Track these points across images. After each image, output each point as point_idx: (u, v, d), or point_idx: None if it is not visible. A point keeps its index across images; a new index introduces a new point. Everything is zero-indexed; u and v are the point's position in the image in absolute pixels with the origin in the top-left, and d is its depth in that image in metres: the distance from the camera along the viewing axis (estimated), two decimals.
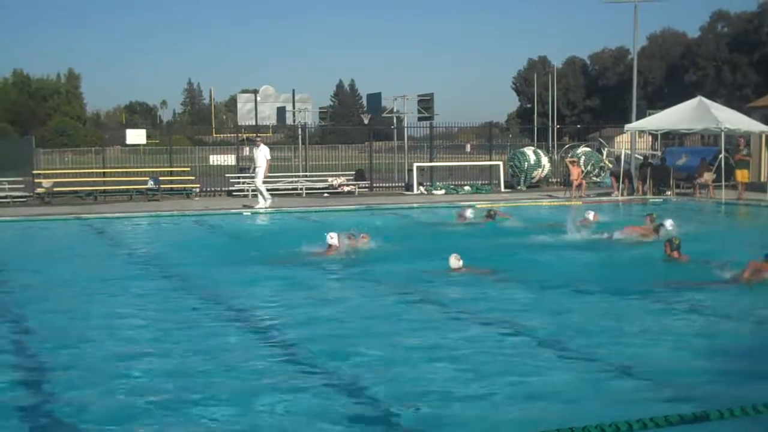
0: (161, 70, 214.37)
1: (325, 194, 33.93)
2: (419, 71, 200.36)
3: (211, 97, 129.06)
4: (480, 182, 37.78)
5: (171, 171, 35.47)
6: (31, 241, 21.60)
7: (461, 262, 13.98)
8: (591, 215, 20.97)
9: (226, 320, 11.00)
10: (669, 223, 18.57)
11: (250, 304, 11.94)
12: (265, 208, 27.48)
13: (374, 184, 36.76)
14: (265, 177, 28.89)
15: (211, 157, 41.52)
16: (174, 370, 8.40)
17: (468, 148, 53.14)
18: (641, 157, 34.61)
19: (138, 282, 13.96)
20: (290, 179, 35.55)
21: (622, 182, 31.58)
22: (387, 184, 37.76)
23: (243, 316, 11.25)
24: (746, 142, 30.59)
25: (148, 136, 40.47)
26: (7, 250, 19.05)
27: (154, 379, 8.16)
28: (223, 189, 34.79)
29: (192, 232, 22.79)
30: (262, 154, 28.25)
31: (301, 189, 34.39)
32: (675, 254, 14.60)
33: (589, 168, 36.77)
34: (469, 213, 22.42)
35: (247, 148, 50.59)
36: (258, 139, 28.60)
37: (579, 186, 31.81)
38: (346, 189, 34.54)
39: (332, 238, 16.22)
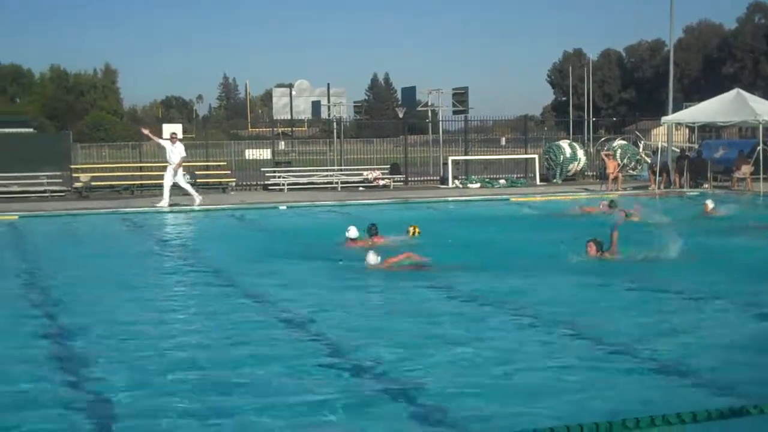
0: (197, 65, 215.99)
1: (360, 188, 33.96)
2: (454, 65, 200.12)
3: (246, 91, 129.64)
4: (515, 175, 37.66)
5: (207, 165, 35.66)
6: (71, 234, 21.80)
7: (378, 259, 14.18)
8: (710, 204, 21.88)
9: (251, 309, 11.13)
10: (711, 204, 21.23)
11: (284, 296, 11.97)
12: (166, 206, 26.29)
13: (409, 178, 36.77)
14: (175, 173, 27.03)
15: (246, 151, 41.69)
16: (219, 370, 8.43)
17: (503, 141, 53.00)
18: (678, 150, 34.36)
19: (176, 275, 14.09)
20: (325, 173, 35.61)
21: (660, 175, 31.37)
22: (422, 178, 37.77)
23: (278, 307, 11.29)
24: None
25: (184, 131, 40.55)
26: (48, 244, 19.27)
27: (204, 377, 8.16)
28: (259, 183, 34.91)
29: (228, 226, 22.91)
30: (178, 151, 26.91)
31: (336, 183, 34.45)
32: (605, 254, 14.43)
33: (625, 161, 36.52)
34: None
35: (282, 143, 50.82)
36: (173, 134, 27.74)
37: (615, 179, 31.64)
38: (381, 183, 34.55)
39: (351, 232, 16.39)
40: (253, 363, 8.44)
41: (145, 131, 28.13)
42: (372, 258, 13.86)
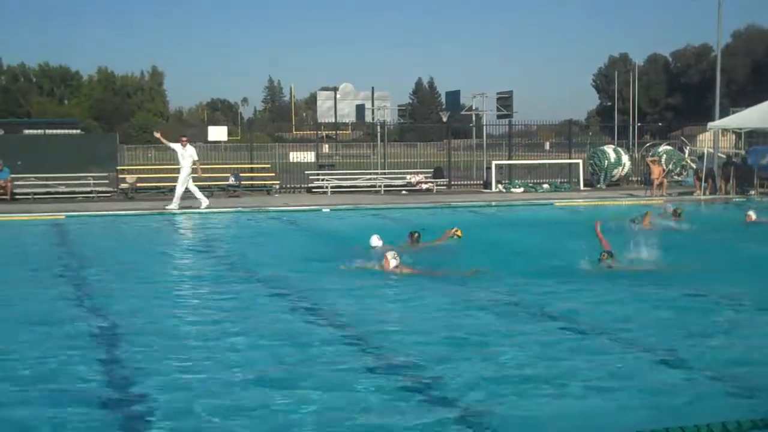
0: (243, 68, 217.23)
1: (404, 191, 34.01)
2: (498, 69, 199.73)
3: (291, 94, 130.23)
4: (559, 180, 37.54)
5: (251, 167, 35.92)
6: (116, 235, 22.02)
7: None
8: (753, 215, 21.51)
9: (290, 311, 11.19)
10: (753, 214, 20.92)
11: (329, 301, 12.00)
12: (176, 209, 26.30)
13: (452, 182, 36.78)
14: (194, 178, 27.31)
15: (290, 153, 41.87)
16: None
17: (547, 145, 52.84)
18: (724, 156, 34.07)
19: (217, 275, 14.18)
20: (369, 176, 35.71)
21: (705, 181, 31.14)
22: (465, 182, 37.75)
23: (322, 313, 11.29)
24: None
25: (229, 133, 40.93)
26: (95, 244, 19.49)
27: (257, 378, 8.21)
28: (303, 186, 35.10)
29: (272, 228, 23.03)
30: (189, 155, 26.88)
31: (380, 186, 34.53)
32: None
33: (670, 166, 36.28)
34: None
35: (326, 145, 51.00)
36: (183, 138, 27.73)
37: (660, 185, 31.45)
38: (424, 186, 34.57)
39: (376, 240, 16.36)
40: (305, 362, 8.52)
41: (157, 134, 28.17)
42: (390, 262, 13.69)
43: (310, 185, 34.69)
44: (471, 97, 41.76)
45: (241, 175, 33.70)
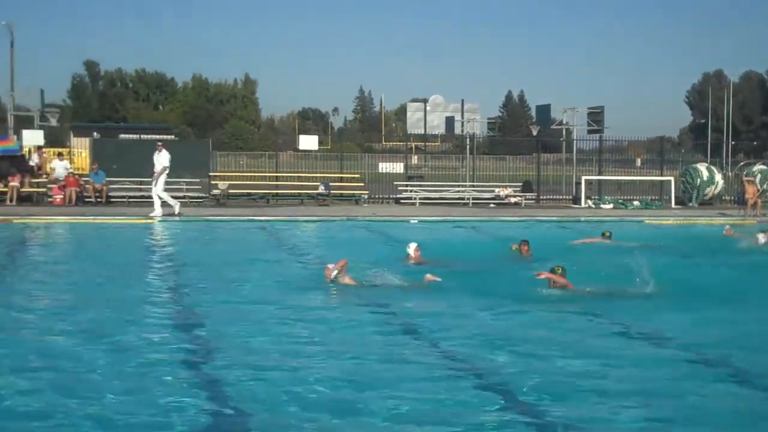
0: (334, 78, 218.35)
1: (491, 204, 33.99)
2: (590, 83, 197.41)
3: (381, 105, 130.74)
4: (650, 197, 37.12)
5: (341, 177, 36.26)
6: (206, 240, 22.46)
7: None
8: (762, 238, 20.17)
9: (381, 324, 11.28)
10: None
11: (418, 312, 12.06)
12: (160, 215, 26.30)
13: (541, 196, 36.64)
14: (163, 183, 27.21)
15: (380, 164, 42.17)
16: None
17: (638, 162, 52.20)
18: None
19: (307, 284, 14.25)
20: (457, 188, 35.77)
21: None
22: (554, 197, 37.57)
23: (412, 324, 11.30)
24: None
25: (320, 142, 41.28)
26: (188, 250, 19.89)
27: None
28: (391, 196, 35.31)
29: (360, 237, 23.17)
30: (161, 161, 26.90)
31: (468, 199, 34.56)
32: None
33: (765, 186, 35.58)
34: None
35: (415, 157, 51.17)
36: (159, 144, 27.85)
37: (754, 204, 30.89)
38: (512, 200, 34.52)
39: (412, 249, 16.53)
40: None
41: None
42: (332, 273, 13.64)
43: (398, 196, 34.88)
44: (562, 111, 41.65)
45: (331, 184, 34.04)
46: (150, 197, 27.54)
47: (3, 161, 31.25)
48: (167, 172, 26.96)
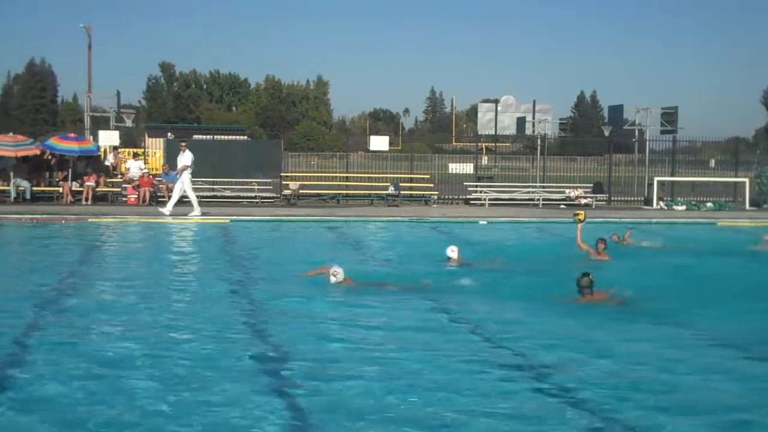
0: (406, 79, 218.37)
1: (562, 206, 33.82)
2: (663, 83, 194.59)
3: (452, 105, 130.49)
4: (724, 199, 36.59)
5: (411, 177, 36.36)
6: (279, 240, 22.80)
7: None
8: None
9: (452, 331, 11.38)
10: None
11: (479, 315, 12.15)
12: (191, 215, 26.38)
13: (612, 197, 36.33)
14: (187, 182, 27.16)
15: (450, 165, 42.15)
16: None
17: (712, 163, 51.45)
18: None
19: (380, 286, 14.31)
20: (527, 189, 35.66)
21: None
22: (625, 198, 37.22)
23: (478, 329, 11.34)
24: None
25: (391, 143, 41.39)
26: (258, 248, 20.19)
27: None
28: (461, 197, 35.32)
29: (432, 238, 23.06)
30: (183, 160, 26.97)
31: (538, 199, 34.44)
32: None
33: None
34: None
35: (486, 157, 51.10)
36: (182, 144, 27.82)
37: None
38: (583, 201, 34.27)
39: (452, 251, 16.58)
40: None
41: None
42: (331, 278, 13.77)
43: (468, 197, 34.87)
44: (634, 111, 41.22)
45: (401, 184, 34.16)
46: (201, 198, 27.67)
47: (80, 161, 31.93)
48: (190, 171, 27.05)
